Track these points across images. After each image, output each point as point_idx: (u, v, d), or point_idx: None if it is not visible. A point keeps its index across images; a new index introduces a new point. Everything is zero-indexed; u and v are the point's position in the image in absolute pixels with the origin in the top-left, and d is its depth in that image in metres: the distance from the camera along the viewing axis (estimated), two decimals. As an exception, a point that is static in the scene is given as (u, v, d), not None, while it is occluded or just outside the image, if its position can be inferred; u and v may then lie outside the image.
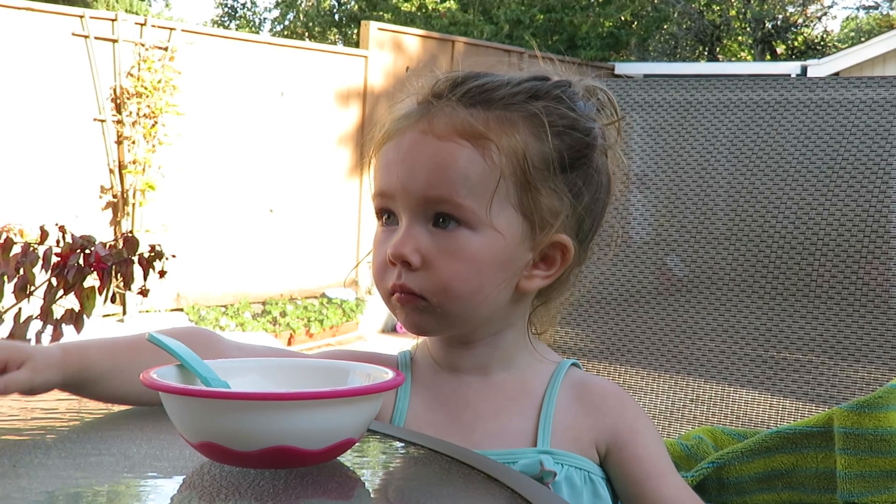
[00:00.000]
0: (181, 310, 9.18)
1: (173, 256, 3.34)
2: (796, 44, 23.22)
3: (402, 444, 1.13)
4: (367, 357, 1.43)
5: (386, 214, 1.35)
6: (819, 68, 13.95)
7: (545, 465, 1.28)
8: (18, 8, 7.99)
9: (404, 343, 1.50)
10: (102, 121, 8.50)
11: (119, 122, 8.55)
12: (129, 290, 3.13)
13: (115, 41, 8.55)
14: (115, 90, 8.55)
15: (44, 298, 3.05)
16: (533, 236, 1.36)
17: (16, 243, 2.99)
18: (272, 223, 9.84)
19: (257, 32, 26.21)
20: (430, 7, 20.63)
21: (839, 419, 1.46)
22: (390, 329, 10.19)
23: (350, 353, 1.45)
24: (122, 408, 1.39)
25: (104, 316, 8.32)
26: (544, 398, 1.38)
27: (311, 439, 0.95)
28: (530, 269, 1.37)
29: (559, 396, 1.38)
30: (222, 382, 1.08)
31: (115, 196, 8.62)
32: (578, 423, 1.37)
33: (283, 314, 9.43)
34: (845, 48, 16.68)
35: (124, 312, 8.61)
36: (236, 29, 26.15)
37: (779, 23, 22.69)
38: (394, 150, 1.35)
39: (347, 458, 1.04)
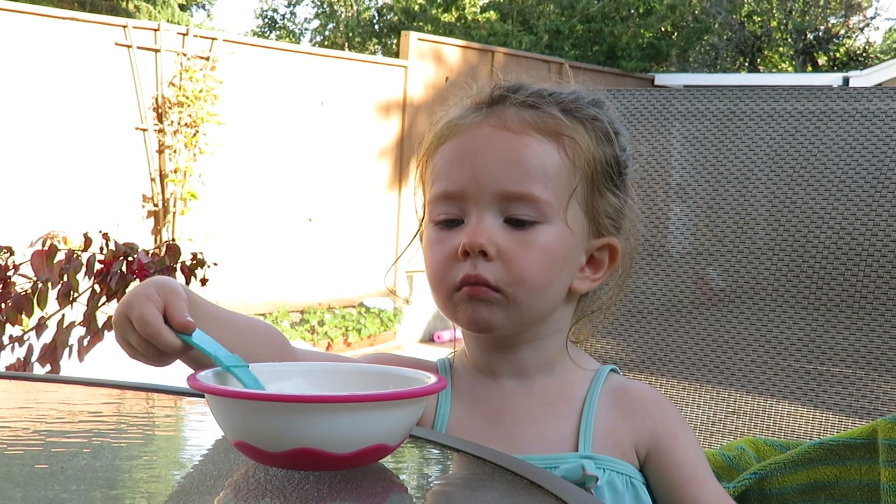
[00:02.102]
0: (220, 318, 9.21)
1: (215, 265, 3.36)
2: (838, 55, 23.05)
3: (446, 450, 1.13)
4: (410, 362, 1.44)
5: (445, 217, 1.33)
6: (861, 79, 13.82)
7: (587, 469, 1.28)
8: (63, 18, 8.09)
9: (442, 353, 1.51)
10: (144, 130, 8.58)
11: (161, 131, 8.63)
12: (171, 297, 3.14)
13: (157, 51, 8.63)
14: (156, 99, 8.63)
15: (87, 305, 3.08)
16: (589, 237, 1.37)
17: (60, 250, 3.02)
18: (311, 232, 9.88)
19: (297, 43, 26.35)
20: (469, 18, 20.66)
21: (884, 431, 1.45)
22: (428, 339, 10.20)
23: (392, 357, 1.46)
24: (166, 410, 1.40)
25: (145, 323, 8.37)
26: (585, 403, 1.38)
27: (335, 443, 0.95)
28: (581, 270, 1.38)
29: (599, 401, 1.38)
30: (256, 382, 1.09)
31: (156, 205, 8.70)
32: (619, 427, 1.37)
33: (322, 323, 9.46)
34: (888, 59, 16.53)
35: (164, 320, 8.65)
36: (276, 39, 26.31)
37: (820, 34, 22.52)
38: (460, 147, 1.34)
39: (391, 464, 1.05)
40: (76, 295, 3.05)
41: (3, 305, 2.96)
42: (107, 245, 3.08)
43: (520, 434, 1.36)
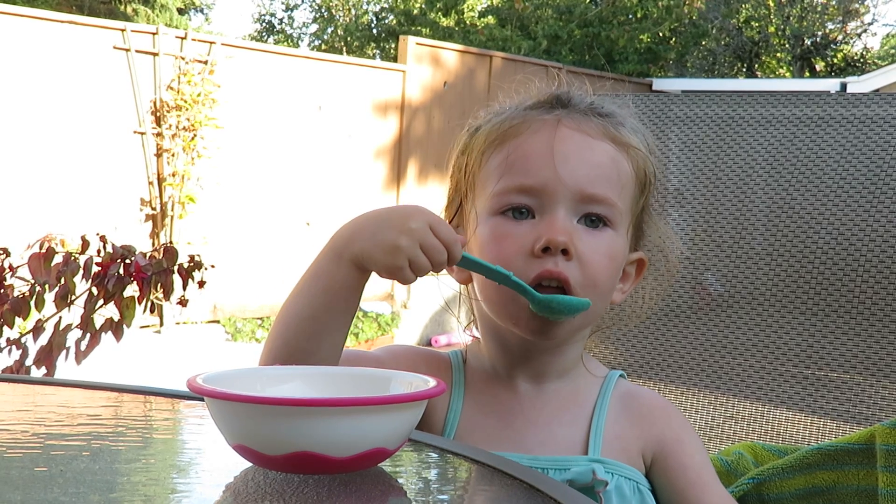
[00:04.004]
0: (218, 322, 9.22)
1: (212, 266, 3.36)
2: (836, 61, 23.06)
3: (445, 454, 1.13)
4: (425, 354, 1.45)
5: (513, 210, 1.32)
6: (859, 85, 13.84)
7: (597, 473, 1.28)
8: (62, 22, 8.09)
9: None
10: (142, 133, 8.58)
11: (159, 134, 8.62)
12: (169, 300, 3.15)
13: (155, 54, 8.63)
14: (155, 103, 8.63)
15: (84, 307, 3.08)
16: (629, 250, 1.39)
17: (57, 252, 3.02)
18: (309, 236, 9.87)
19: (296, 47, 26.33)
20: (468, 22, 20.67)
21: (881, 436, 1.45)
22: (425, 343, 10.19)
23: (406, 349, 1.47)
24: (164, 415, 1.40)
25: (142, 327, 8.38)
26: (595, 408, 1.39)
27: (334, 447, 0.95)
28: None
29: (609, 407, 1.39)
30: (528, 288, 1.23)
31: (153, 208, 8.69)
32: (627, 433, 1.38)
33: (319, 327, 9.43)
34: (885, 65, 16.55)
35: (161, 324, 8.66)
36: (274, 43, 26.30)
37: (818, 39, 22.54)
38: (541, 143, 1.32)
39: (390, 467, 1.05)
40: (73, 297, 3.04)
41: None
42: (104, 248, 3.08)
43: (531, 436, 1.36)
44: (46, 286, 2.98)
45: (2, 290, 2.96)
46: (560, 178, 1.30)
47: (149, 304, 3.12)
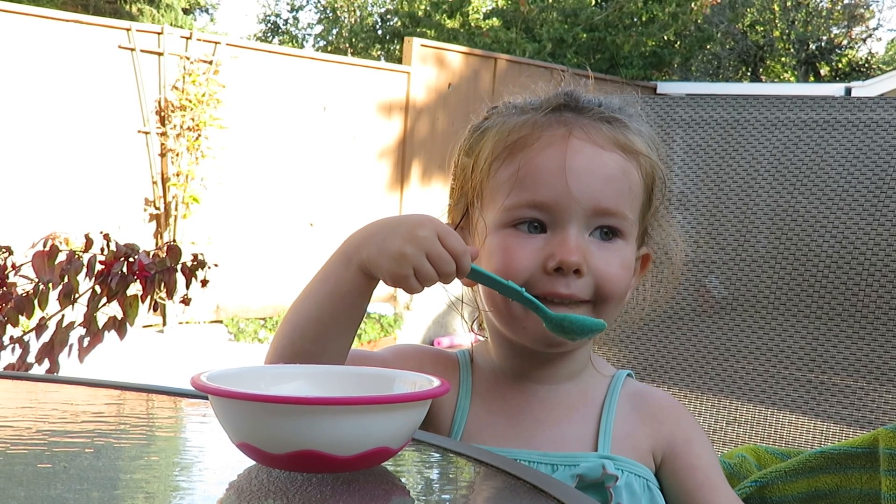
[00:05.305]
0: (220, 321, 9.23)
1: (215, 266, 3.36)
2: (840, 65, 23.07)
3: (448, 454, 1.13)
4: (433, 353, 1.45)
5: (525, 223, 1.32)
6: (863, 90, 13.83)
7: (607, 469, 1.28)
8: (67, 21, 8.09)
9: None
10: (147, 133, 8.58)
11: (163, 134, 8.63)
12: (172, 299, 3.15)
13: (160, 54, 8.64)
14: (159, 102, 8.63)
15: (87, 306, 3.08)
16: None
17: (61, 251, 3.02)
18: (312, 237, 9.88)
19: (301, 47, 26.35)
20: (472, 24, 20.68)
21: (885, 440, 1.45)
22: (428, 344, 10.19)
23: (413, 349, 1.47)
24: (166, 413, 1.40)
25: (144, 326, 8.38)
26: (603, 406, 1.39)
27: (338, 445, 0.95)
28: None
29: (618, 405, 1.39)
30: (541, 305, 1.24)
31: (157, 208, 8.69)
32: (637, 431, 1.38)
33: (322, 328, 9.42)
34: (890, 70, 16.53)
35: (164, 323, 8.67)
36: (279, 44, 26.31)
37: (823, 44, 22.55)
38: (551, 159, 1.31)
39: (393, 466, 1.05)
40: (77, 296, 3.04)
41: (2, 306, 2.95)
42: (108, 246, 3.07)
43: (540, 434, 1.36)
44: (50, 284, 2.97)
45: (5, 289, 2.97)
46: (573, 194, 1.29)
47: (152, 302, 3.12)
